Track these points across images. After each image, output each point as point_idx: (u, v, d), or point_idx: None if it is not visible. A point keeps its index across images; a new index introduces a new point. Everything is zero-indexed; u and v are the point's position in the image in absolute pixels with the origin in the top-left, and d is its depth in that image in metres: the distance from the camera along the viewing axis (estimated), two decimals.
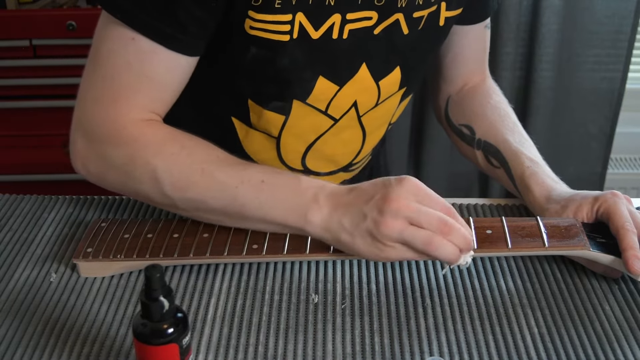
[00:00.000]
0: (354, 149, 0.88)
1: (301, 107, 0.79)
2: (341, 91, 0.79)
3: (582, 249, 0.68)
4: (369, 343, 0.63)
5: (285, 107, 0.79)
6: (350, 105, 0.81)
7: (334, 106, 0.80)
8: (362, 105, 0.82)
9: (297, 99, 0.78)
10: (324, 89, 0.78)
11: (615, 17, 1.69)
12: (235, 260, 0.71)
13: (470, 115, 0.90)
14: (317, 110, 0.80)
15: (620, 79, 1.76)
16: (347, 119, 0.82)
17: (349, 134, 0.85)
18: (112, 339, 0.63)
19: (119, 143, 0.70)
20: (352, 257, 0.72)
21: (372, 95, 0.81)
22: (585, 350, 0.62)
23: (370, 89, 0.81)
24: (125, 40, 0.68)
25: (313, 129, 0.83)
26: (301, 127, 0.82)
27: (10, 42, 1.60)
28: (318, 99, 0.79)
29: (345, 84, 0.79)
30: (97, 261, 0.70)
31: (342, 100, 0.80)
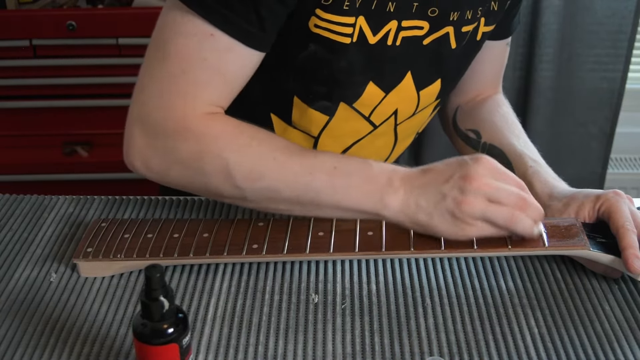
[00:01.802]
0: (384, 155, 0.89)
1: (346, 110, 0.80)
2: (386, 98, 0.80)
3: (582, 248, 0.68)
4: (369, 343, 0.63)
5: (331, 108, 0.80)
6: (391, 113, 0.82)
7: (377, 113, 0.81)
8: (401, 114, 0.83)
9: (345, 102, 0.79)
10: (372, 94, 0.79)
11: (615, 17, 1.69)
12: (235, 260, 0.71)
13: (478, 121, 0.91)
14: (360, 115, 0.81)
15: (620, 79, 1.76)
16: (385, 126, 0.83)
17: (382, 141, 0.86)
18: (112, 339, 0.63)
19: (187, 137, 0.68)
20: (351, 257, 0.72)
21: (412, 104, 0.82)
22: (585, 350, 0.62)
23: (411, 98, 0.81)
24: (203, 36, 0.67)
25: (352, 133, 0.83)
26: (342, 130, 0.82)
27: (10, 42, 1.60)
28: (364, 104, 0.80)
29: (391, 92, 0.80)
30: (97, 261, 0.70)
31: (385, 108, 0.81)
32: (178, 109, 0.68)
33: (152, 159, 0.70)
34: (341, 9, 0.70)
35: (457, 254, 0.70)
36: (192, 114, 0.68)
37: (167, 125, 0.68)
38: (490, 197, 0.65)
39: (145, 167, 0.70)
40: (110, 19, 1.57)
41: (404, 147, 0.92)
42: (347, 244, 0.70)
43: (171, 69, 0.68)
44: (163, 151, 0.69)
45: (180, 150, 0.68)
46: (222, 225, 0.73)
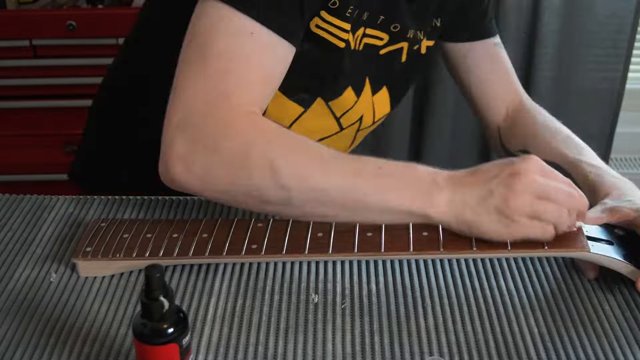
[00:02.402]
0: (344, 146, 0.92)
1: (321, 107, 0.82)
2: (358, 104, 0.84)
3: (582, 250, 0.68)
4: (369, 343, 0.63)
5: (308, 101, 0.81)
6: (357, 119, 0.85)
7: (347, 117, 0.85)
8: (364, 121, 0.87)
9: (322, 98, 0.81)
10: (348, 97, 0.82)
11: (615, 17, 1.69)
12: (234, 260, 0.71)
13: (524, 139, 0.91)
14: (332, 114, 0.83)
15: (620, 79, 1.76)
16: (349, 130, 0.87)
17: (341, 143, 0.89)
18: (112, 339, 0.63)
19: (232, 136, 0.64)
20: (350, 258, 0.72)
21: (370, 111, 0.86)
22: (585, 350, 0.62)
23: (369, 104, 0.85)
24: (245, 35, 0.65)
25: (321, 130, 0.85)
26: (313, 125, 0.83)
27: (10, 42, 1.60)
28: (339, 106, 0.83)
29: (360, 97, 0.83)
30: (97, 260, 0.70)
31: (354, 113, 0.85)
32: (223, 109, 0.65)
33: (195, 162, 0.64)
34: (344, 15, 0.73)
35: (457, 256, 0.70)
36: (236, 114, 0.65)
37: (211, 125, 0.64)
38: (540, 194, 0.65)
39: (187, 172, 0.65)
40: (110, 19, 1.57)
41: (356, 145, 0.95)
42: (346, 244, 0.70)
43: (216, 69, 0.65)
44: (208, 151, 0.64)
45: (225, 149, 0.64)
46: (222, 225, 0.73)
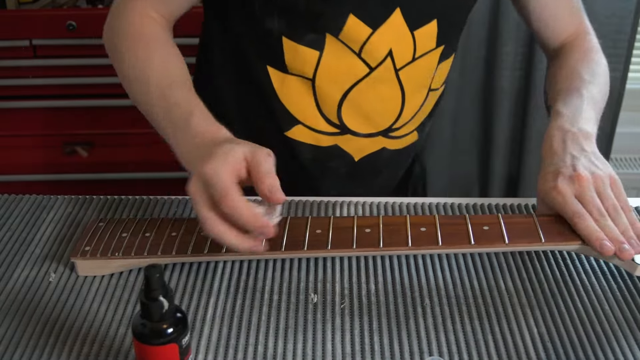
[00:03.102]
0: (393, 109, 0.87)
1: (335, 44, 0.80)
2: (375, 35, 0.79)
3: (579, 244, 0.69)
4: (368, 343, 0.63)
5: (320, 41, 0.80)
6: (386, 55, 0.81)
7: (368, 51, 0.81)
8: (398, 57, 0.82)
9: (331, 34, 0.79)
10: (355, 28, 0.79)
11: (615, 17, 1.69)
12: (233, 257, 0.71)
13: (548, 79, 0.92)
14: (351, 50, 0.80)
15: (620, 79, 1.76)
16: (383, 70, 0.82)
17: (386, 90, 0.85)
18: (111, 339, 0.63)
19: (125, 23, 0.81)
20: (349, 254, 0.72)
21: (408, 46, 0.81)
22: (585, 350, 0.62)
23: (405, 38, 0.80)
24: None
25: (348, 73, 0.83)
26: (336, 69, 0.82)
27: (10, 42, 1.60)
28: (351, 38, 0.80)
29: (379, 28, 0.79)
30: (95, 259, 0.70)
31: (376, 46, 0.80)
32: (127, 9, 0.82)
33: (105, 32, 0.83)
34: None
35: (455, 250, 0.71)
36: (132, 14, 0.81)
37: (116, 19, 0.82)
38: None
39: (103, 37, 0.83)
40: None
41: (418, 103, 0.89)
42: (345, 241, 0.70)
43: None
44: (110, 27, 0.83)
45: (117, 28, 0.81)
46: None
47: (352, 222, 0.73)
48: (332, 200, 0.83)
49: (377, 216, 0.74)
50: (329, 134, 0.88)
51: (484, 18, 1.67)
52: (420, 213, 0.81)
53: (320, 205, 0.83)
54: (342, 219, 0.73)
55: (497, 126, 1.77)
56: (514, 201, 0.84)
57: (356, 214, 0.81)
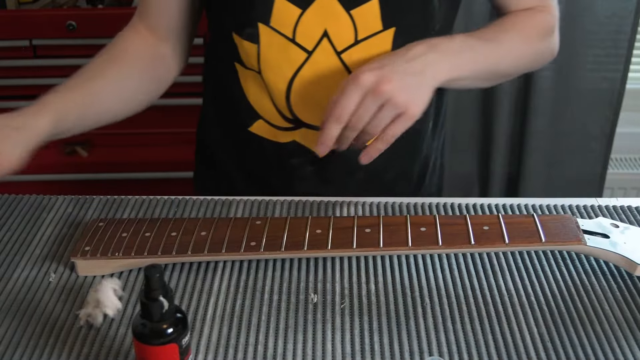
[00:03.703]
0: None
1: (268, 33, 0.79)
2: (305, 15, 0.78)
3: (579, 244, 0.69)
4: (368, 343, 0.63)
5: (255, 34, 0.80)
6: (322, 35, 0.79)
7: (301, 33, 0.79)
8: (336, 38, 0.79)
9: (262, 22, 0.79)
10: (284, 10, 0.78)
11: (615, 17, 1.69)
12: (233, 257, 0.71)
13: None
14: (284, 37, 0.79)
15: (620, 79, 1.76)
16: (322, 53, 0.80)
17: (332, 76, 0.81)
18: (111, 339, 0.63)
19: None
20: (349, 254, 0.72)
21: (346, 27, 0.78)
22: (585, 350, 0.62)
23: (341, 18, 0.78)
24: None
25: (288, 61, 0.81)
26: (275, 59, 0.81)
27: (10, 42, 1.60)
28: (282, 23, 0.78)
29: (309, 7, 0.77)
30: (95, 259, 0.70)
31: (308, 27, 0.78)
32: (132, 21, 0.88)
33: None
34: None
35: (455, 250, 0.71)
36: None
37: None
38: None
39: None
40: (110, 19, 1.57)
41: None
42: (345, 241, 0.70)
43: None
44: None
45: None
46: (220, 223, 0.73)
47: (352, 222, 0.73)
48: (332, 200, 0.83)
49: (377, 216, 0.74)
50: (284, 129, 0.86)
51: (484, 18, 1.67)
52: (420, 213, 0.81)
53: (320, 205, 0.83)
54: (342, 219, 0.73)
55: (497, 126, 1.77)
56: (514, 201, 0.84)
57: (356, 214, 0.81)
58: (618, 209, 0.82)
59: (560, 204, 0.83)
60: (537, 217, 0.73)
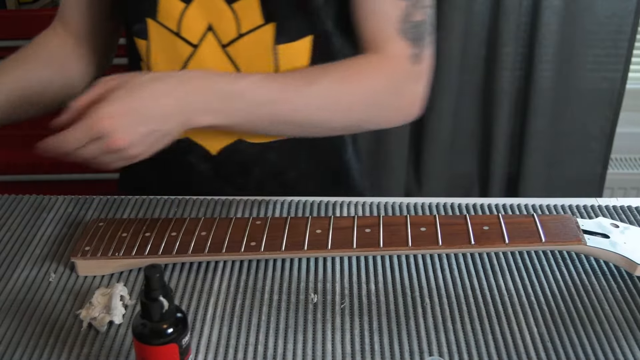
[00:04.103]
0: None
1: (156, 28, 0.80)
2: (189, 9, 0.78)
3: (579, 244, 0.69)
4: (368, 343, 0.63)
5: (143, 30, 0.81)
6: (206, 29, 0.79)
7: (186, 27, 0.79)
8: (221, 32, 0.79)
9: (150, 17, 0.80)
10: (169, 3, 0.78)
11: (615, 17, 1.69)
12: (233, 257, 0.71)
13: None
14: (171, 32, 0.80)
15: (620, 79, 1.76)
16: (208, 47, 0.80)
17: (219, 70, 0.80)
18: (112, 338, 0.63)
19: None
20: (349, 254, 0.72)
21: (229, 20, 0.78)
22: (585, 350, 0.62)
23: (224, 11, 0.78)
24: None
25: (175, 56, 0.81)
26: (164, 54, 0.82)
27: (10, 42, 1.60)
28: (167, 17, 0.79)
29: (192, 1, 0.78)
30: (95, 259, 0.70)
31: (193, 21, 0.79)
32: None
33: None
34: None
35: (455, 250, 0.71)
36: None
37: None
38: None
39: None
40: None
41: None
42: (345, 241, 0.70)
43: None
44: None
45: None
46: (220, 223, 0.73)
47: (352, 222, 0.73)
48: (332, 200, 0.83)
49: (377, 216, 0.74)
50: None
51: (484, 18, 1.67)
52: (420, 213, 0.81)
53: (320, 205, 0.83)
54: (342, 219, 0.73)
55: (497, 126, 1.77)
56: (514, 201, 0.84)
57: (356, 214, 0.81)
58: (618, 209, 0.82)
59: (560, 204, 0.83)
60: (537, 217, 0.73)
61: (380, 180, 1.82)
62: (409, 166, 1.84)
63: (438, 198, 0.84)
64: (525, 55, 1.71)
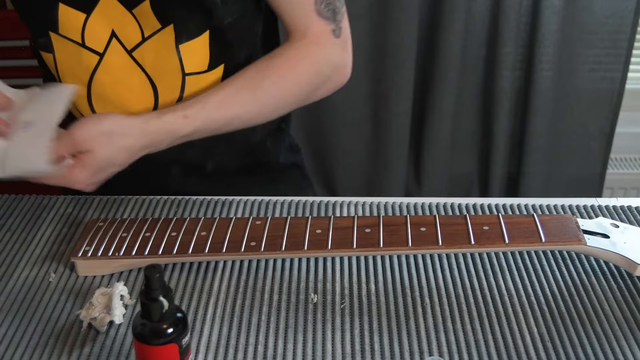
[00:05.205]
0: (146, 96, 0.84)
1: (59, 41, 0.81)
2: (90, 19, 0.79)
3: (579, 244, 0.69)
4: (368, 343, 0.63)
5: (48, 43, 0.81)
6: (110, 36, 0.80)
7: (90, 36, 0.80)
8: (125, 38, 0.80)
9: (52, 31, 0.80)
10: (69, 16, 0.79)
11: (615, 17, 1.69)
12: (233, 257, 0.71)
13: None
14: (74, 42, 0.80)
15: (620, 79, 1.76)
16: (113, 54, 0.81)
17: (127, 76, 0.82)
18: (112, 338, 0.63)
19: None
20: (349, 254, 0.72)
21: (131, 26, 0.80)
22: (585, 350, 0.62)
23: (125, 17, 0.79)
24: None
25: (82, 67, 0.82)
26: (71, 66, 0.83)
27: (10, 42, 1.60)
28: (69, 29, 0.80)
29: (93, 11, 0.78)
30: (95, 259, 0.70)
31: (96, 29, 0.80)
32: None
33: None
34: None
35: (455, 250, 0.71)
36: None
37: None
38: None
39: None
40: None
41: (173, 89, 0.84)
42: (345, 241, 0.70)
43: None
44: None
45: None
46: (220, 223, 0.73)
47: (352, 222, 0.73)
48: (332, 200, 0.83)
49: (377, 216, 0.74)
50: None
51: (484, 18, 1.67)
52: (420, 213, 0.81)
53: (320, 205, 0.83)
54: (342, 219, 0.73)
55: (497, 126, 1.77)
56: (514, 201, 0.84)
57: (356, 214, 0.81)
58: (618, 209, 0.82)
59: (560, 204, 0.83)
60: (537, 217, 0.73)
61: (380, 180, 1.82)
62: (409, 166, 1.84)
63: (438, 198, 0.84)
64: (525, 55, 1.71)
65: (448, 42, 1.66)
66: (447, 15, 1.63)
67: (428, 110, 1.75)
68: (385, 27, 1.65)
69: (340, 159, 1.80)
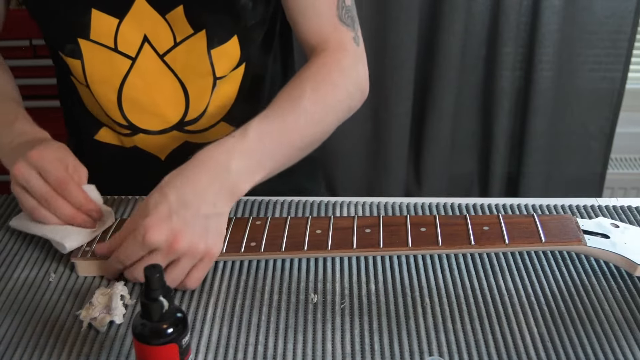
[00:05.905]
0: (177, 100, 0.85)
1: (90, 47, 0.81)
2: (123, 24, 0.79)
3: (579, 244, 0.69)
4: (368, 343, 0.63)
5: (76, 50, 0.81)
6: (142, 41, 0.81)
7: (122, 41, 0.80)
8: (157, 42, 0.81)
9: (81, 37, 0.80)
10: (102, 21, 0.79)
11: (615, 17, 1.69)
12: (233, 257, 0.71)
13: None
14: (107, 47, 0.81)
15: (620, 79, 1.76)
16: (145, 58, 0.82)
17: (159, 80, 0.83)
18: (111, 339, 0.63)
19: None
20: (349, 254, 0.72)
21: (163, 31, 0.80)
22: (585, 350, 0.62)
23: (157, 22, 0.80)
24: None
25: (114, 72, 0.83)
26: (101, 71, 0.83)
27: (10, 42, 1.60)
28: (101, 34, 0.80)
29: (126, 16, 0.79)
30: (95, 259, 0.70)
31: (128, 35, 0.80)
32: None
33: None
34: None
35: (455, 250, 0.71)
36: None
37: None
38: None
39: None
40: None
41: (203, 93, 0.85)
42: (345, 241, 0.70)
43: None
44: None
45: None
46: None
47: (352, 222, 0.73)
48: (332, 200, 0.83)
49: (377, 216, 0.74)
50: (125, 134, 0.89)
51: (484, 18, 1.67)
52: (420, 213, 0.81)
53: (320, 205, 0.83)
54: (342, 219, 0.73)
55: (497, 126, 1.77)
56: (514, 201, 0.84)
57: (356, 214, 0.81)
58: (618, 209, 0.82)
59: (560, 204, 0.83)
60: (537, 217, 0.73)
61: (380, 180, 1.82)
62: (409, 166, 1.84)
63: (438, 198, 0.84)
64: (525, 55, 1.71)
65: (448, 42, 1.66)
66: (447, 16, 1.63)
67: (428, 111, 1.75)
68: (385, 27, 1.65)
69: (340, 159, 1.80)
